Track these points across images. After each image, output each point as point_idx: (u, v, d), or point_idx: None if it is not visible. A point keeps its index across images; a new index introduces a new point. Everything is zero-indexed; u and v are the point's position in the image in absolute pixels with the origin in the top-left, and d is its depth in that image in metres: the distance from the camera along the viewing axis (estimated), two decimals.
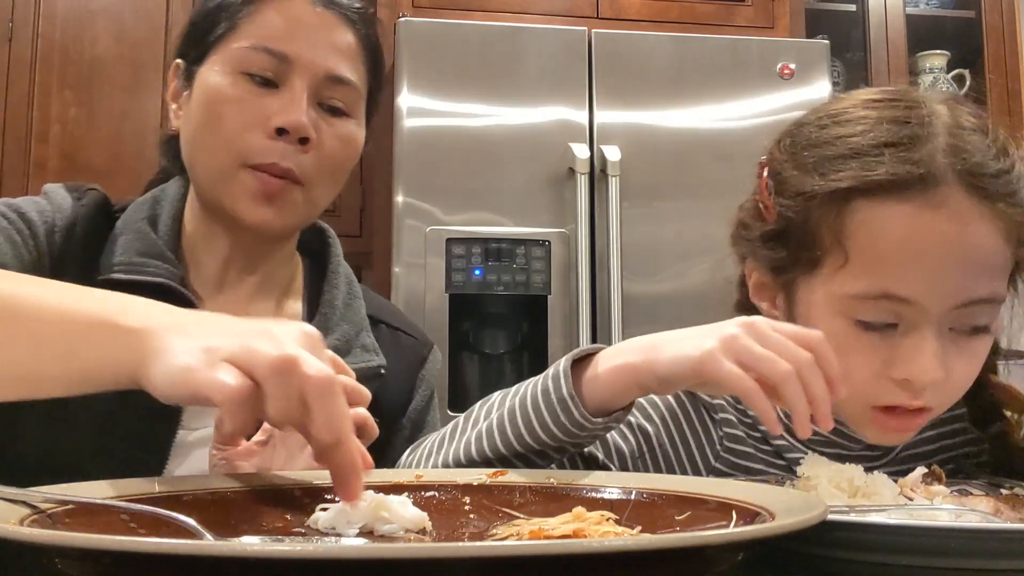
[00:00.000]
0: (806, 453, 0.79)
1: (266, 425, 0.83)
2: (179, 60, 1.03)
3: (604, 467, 0.85)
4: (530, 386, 0.76)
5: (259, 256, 1.04)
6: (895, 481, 0.72)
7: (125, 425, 0.90)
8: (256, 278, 1.04)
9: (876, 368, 0.77)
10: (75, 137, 2.72)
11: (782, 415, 0.66)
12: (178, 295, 0.95)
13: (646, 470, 0.87)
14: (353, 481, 0.57)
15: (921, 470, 0.76)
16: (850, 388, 0.71)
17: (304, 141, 0.95)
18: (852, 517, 0.60)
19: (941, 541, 0.55)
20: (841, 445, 0.86)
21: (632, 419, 0.87)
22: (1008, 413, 0.86)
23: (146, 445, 0.92)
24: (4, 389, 0.66)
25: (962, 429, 0.90)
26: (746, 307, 0.90)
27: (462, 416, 0.83)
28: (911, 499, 0.70)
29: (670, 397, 0.90)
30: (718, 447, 0.88)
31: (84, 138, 2.73)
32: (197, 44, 1.00)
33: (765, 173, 0.86)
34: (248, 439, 0.82)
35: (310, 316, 1.05)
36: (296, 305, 1.08)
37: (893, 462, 0.88)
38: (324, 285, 1.08)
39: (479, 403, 0.83)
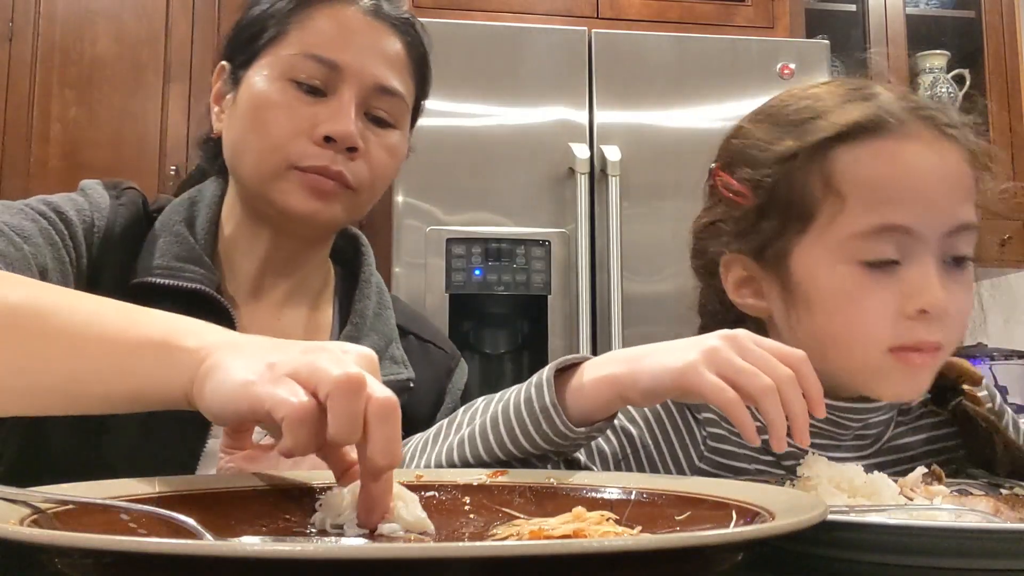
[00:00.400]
0: (794, 448, 0.77)
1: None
2: (224, 63, 1.02)
3: (587, 469, 0.84)
4: (513, 394, 0.76)
5: (296, 260, 1.03)
6: (895, 481, 0.72)
7: (158, 432, 0.90)
8: (290, 283, 1.04)
9: (891, 308, 0.79)
10: (75, 137, 2.72)
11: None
12: (213, 301, 0.95)
13: (629, 471, 0.86)
14: (380, 509, 0.56)
15: (921, 470, 0.76)
16: (870, 334, 0.78)
17: (352, 150, 0.95)
18: (852, 517, 0.60)
19: (941, 541, 0.55)
20: (831, 435, 0.86)
21: (615, 421, 0.86)
22: (965, 387, 0.88)
23: (177, 452, 0.91)
24: (47, 403, 0.66)
25: (945, 422, 0.92)
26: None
27: (446, 420, 0.83)
28: (911, 499, 0.70)
29: None
30: (702, 447, 0.87)
31: (84, 138, 2.73)
32: (244, 48, 0.99)
33: (719, 172, 0.90)
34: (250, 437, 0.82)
35: (341, 325, 1.05)
36: (327, 312, 1.08)
37: (880, 452, 0.89)
38: (356, 294, 1.07)
39: (463, 408, 0.82)
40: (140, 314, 0.66)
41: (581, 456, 0.85)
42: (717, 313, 0.94)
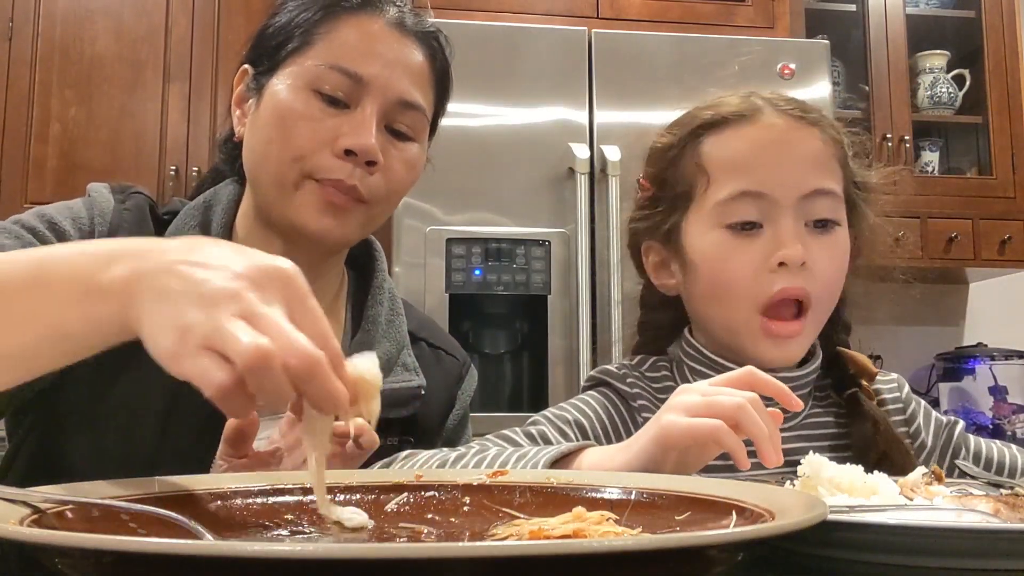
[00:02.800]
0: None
1: (273, 436, 0.83)
2: (247, 66, 1.02)
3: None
4: (512, 462, 0.77)
5: (311, 270, 1.02)
6: (895, 481, 0.72)
7: (173, 440, 0.90)
8: None
9: (755, 264, 0.92)
10: (74, 136, 2.72)
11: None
12: None
13: None
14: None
15: (921, 470, 0.76)
16: (742, 288, 0.92)
17: (372, 164, 0.94)
18: (852, 517, 0.60)
19: (941, 541, 0.55)
20: None
21: (569, 416, 0.96)
22: (863, 382, 1.00)
23: (192, 460, 0.90)
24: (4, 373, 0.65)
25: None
26: (655, 325, 1.06)
27: (451, 455, 0.82)
28: (911, 499, 0.70)
29: (594, 391, 1.00)
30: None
31: (83, 137, 2.73)
32: (269, 56, 0.99)
33: (639, 180, 1.06)
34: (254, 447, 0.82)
35: (354, 330, 1.05)
36: (339, 317, 1.07)
37: (799, 427, 0.98)
38: (368, 300, 1.07)
39: (473, 451, 0.82)
40: (51, 256, 0.64)
41: None
42: (649, 301, 1.07)
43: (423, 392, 1.04)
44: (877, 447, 0.95)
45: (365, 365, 0.59)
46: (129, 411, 0.90)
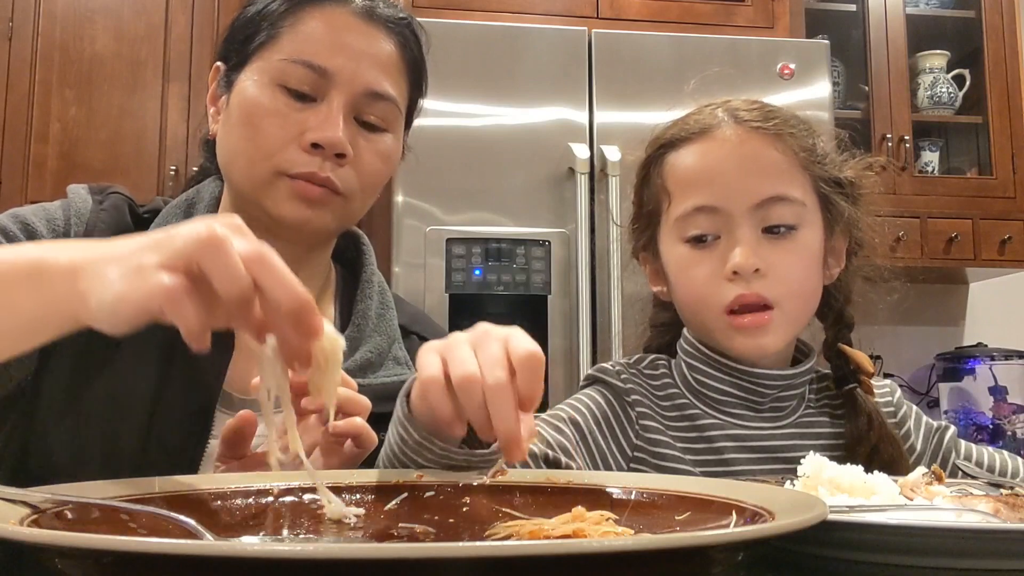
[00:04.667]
0: (717, 418, 0.98)
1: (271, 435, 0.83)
2: (220, 63, 1.02)
3: (567, 467, 0.89)
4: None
5: (294, 264, 1.02)
6: (895, 481, 0.72)
7: (159, 434, 0.90)
8: None
9: (712, 273, 0.96)
10: (74, 136, 2.72)
11: (695, 400, 0.98)
12: None
13: (582, 459, 0.94)
14: (303, 357, 0.58)
15: (921, 470, 0.76)
16: (703, 297, 0.96)
17: (341, 156, 0.94)
18: (852, 517, 0.60)
19: (941, 541, 0.55)
20: (750, 403, 1.00)
21: (564, 414, 0.97)
22: (863, 377, 1.03)
23: (179, 456, 0.91)
24: None
25: (840, 413, 1.04)
26: (659, 322, 1.11)
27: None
28: (911, 499, 0.70)
29: (590, 389, 1.02)
30: (637, 426, 0.98)
31: (83, 137, 2.73)
32: (238, 51, 0.99)
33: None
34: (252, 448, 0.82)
35: (342, 325, 1.04)
36: (328, 313, 1.07)
37: (792, 425, 1.00)
38: (357, 295, 1.06)
39: None
40: (7, 250, 0.67)
41: (560, 456, 0.90)
42: (657, 300, 1.11)
43: None
44: (869, 441, 0.97)
45: (326, 328, 0.59)
46: (113, 406, 0.90)
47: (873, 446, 0.97)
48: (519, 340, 0.63)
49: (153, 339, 0.90)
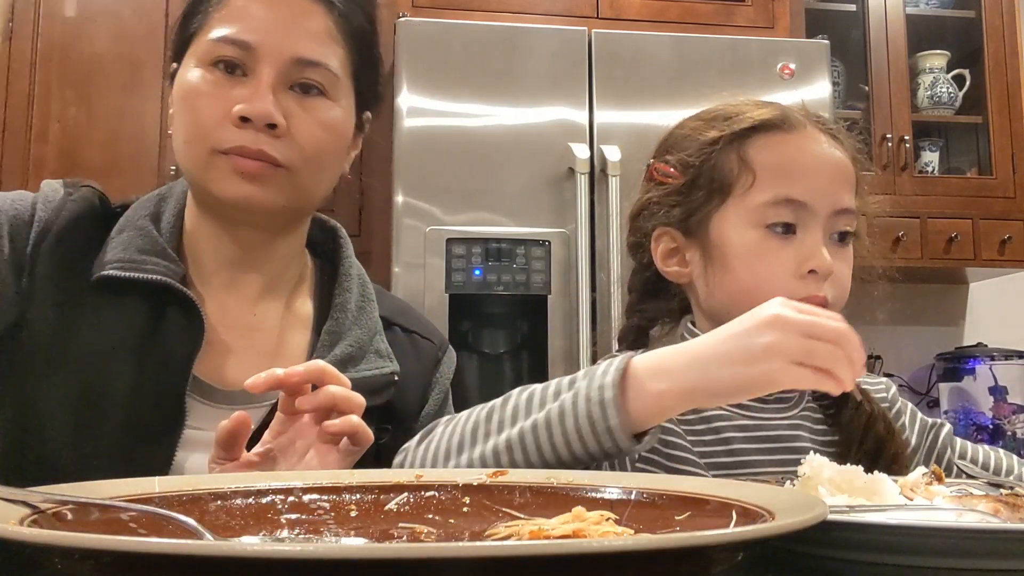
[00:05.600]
0: (725, 409, 0.98)
1: (266, 437, 0.83)
2: (173, 63, 1.03)
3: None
4: (568, 404, 0.76)
5: (264, 252, 1.02)
6: (895, 481, 0.72)
7: (151, 377, 0.92)
8: (262, 277, 1.03)
9: (788, 268, 0.96)
10: (74, 136, 2.72)
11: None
12: (178, 294, 0.95)
13: None
14: None
15: (921, 469, 0.76)
16: (770, 287, 0.92)
17: (273, 127, 0.93)
18: (852, 517, 0.60)
19: (941, 541, 0.55)
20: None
21: None
22: None
23: (168, 398, 0.92)
24: None
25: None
26: (639, 308, 1.09)
27: (481, 413, 0.82)
28: (911, 499, 0.70)
29: None
30: None
31: (83, 137, 2.73)
32: (180, 44, 1.01)
33: (655, 162, 1.08)
34: (248, 450, 0.82)
35: (321, 319, 1.04)
36: (306, 305, 1.07)
37: (800, 416, 1.01)
38: (336, 287, 1.06)
39: (501, 400, 0.82)
40: None
41: None
42: (642, 287, 1.10)
43: (397, 378, 1.03)
44: (860, 421, 0.99)
45: None
46: (97, 353, 0.92)
47: (865, 427, 0.99)
48: None
49: (131, 331, 0.93)
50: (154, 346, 0.93)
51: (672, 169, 1.04)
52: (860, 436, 0.99)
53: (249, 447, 0.82)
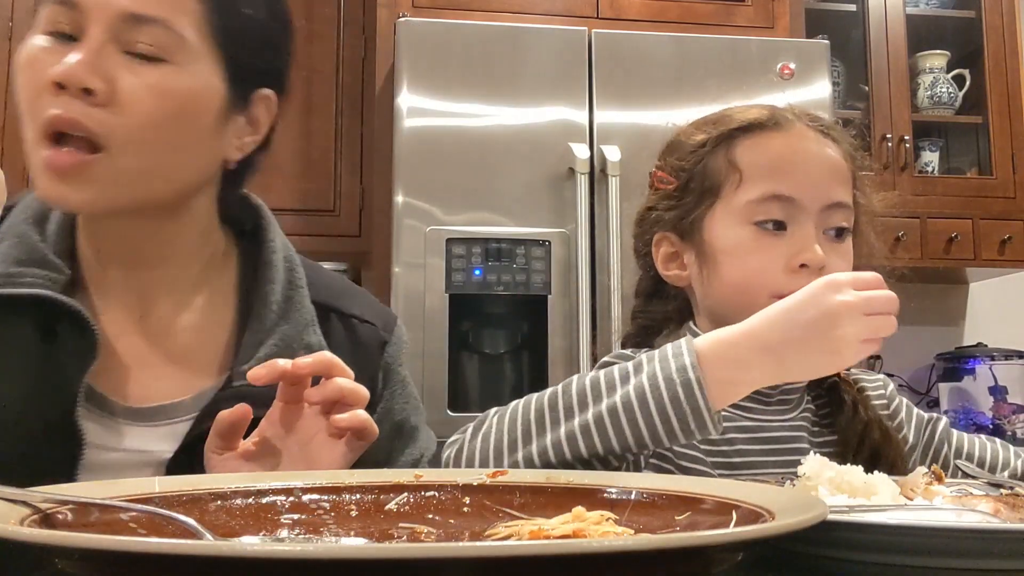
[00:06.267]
0: (727, 411, 0.96)
1: (261, 426, 0.83)
2: None
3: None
4: (647, 385, 0.78)
5: (150, 248, 0.91)
6: (895, 481, 0.72)
7: (32, 455, 0.82)
8: (159, 273, 0.92)
9: (779, 263, 0.97)
10: None
11: None
12: (61, 306, 0.85)
13: None
14: None
15: (921, 469, 0.76)
16: (759, 283, 0.96)
17: (88, 92, 0.80)
18: (852, 517, 0.60)
19: (941, 541, 0.55)
20: (760, 395, 0.98)
21: None
22: (841, 373, 1.05)
23: (55, 464, 0.82)
24: None
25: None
26: (643, 311, 1.10)
27: (543, 400, 0.82)
28: (911, 499, 0.70)
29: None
30: None
31: None
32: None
33: (656, 169, 1.11)
34: (244, 437, 0.82)
35: (245, 314, 0.93)
36: (227, 301, 0.95)
37: (798, 418, 1.02)
38: (255, 282, 0.94)
39: (560, 388, 0.82)
40: None
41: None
42: (647, 291, 1.11)
43: None
44: (857, 428, 1.00)
45: None
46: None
47: (862, 433, 1.00)
48: None
49: (15, 352, 0.84)
50: (45, 366, 0.84)
51: (666, 174, 1.07)
52: (856, 444, 0.99)
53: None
